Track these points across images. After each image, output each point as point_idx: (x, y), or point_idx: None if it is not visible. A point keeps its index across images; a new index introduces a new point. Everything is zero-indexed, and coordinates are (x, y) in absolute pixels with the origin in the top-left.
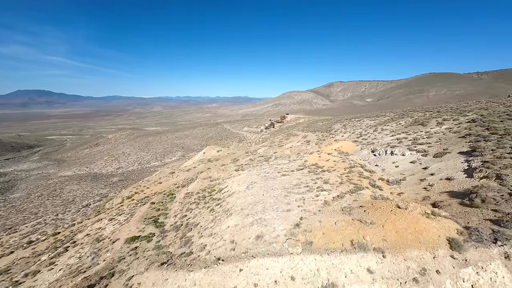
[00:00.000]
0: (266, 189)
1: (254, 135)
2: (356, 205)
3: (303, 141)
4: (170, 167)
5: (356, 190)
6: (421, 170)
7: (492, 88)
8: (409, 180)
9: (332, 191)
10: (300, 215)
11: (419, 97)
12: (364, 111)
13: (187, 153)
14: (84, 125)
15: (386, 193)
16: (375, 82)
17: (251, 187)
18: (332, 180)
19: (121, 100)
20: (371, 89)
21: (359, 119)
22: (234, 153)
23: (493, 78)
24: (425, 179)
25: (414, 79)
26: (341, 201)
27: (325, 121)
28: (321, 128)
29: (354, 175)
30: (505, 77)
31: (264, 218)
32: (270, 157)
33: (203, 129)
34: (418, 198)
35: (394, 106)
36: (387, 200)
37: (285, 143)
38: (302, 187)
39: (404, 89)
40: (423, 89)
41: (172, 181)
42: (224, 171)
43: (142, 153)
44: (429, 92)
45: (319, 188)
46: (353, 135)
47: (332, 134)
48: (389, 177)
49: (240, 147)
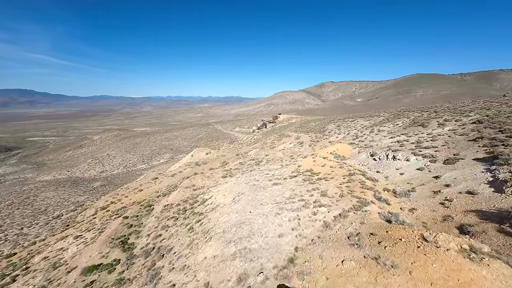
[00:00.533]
0: (254, 203)
1: (246, 135)
2: (365, 230)
3: (296, 143)
4: (156, 170)
5: (360, 206)
6: (431, 179)
7: (474, 88)
8: (419, 192)
9: (332, 207)
10: (295, 244)
11: (407, 97)
12: (355, 111)
13: (176, 155)
14: (69, 126)
15: (395, 208)
16: (365, 82)
17: (237, 199)
18: (331, 191)
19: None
20: (361, 89)
21: (352, 119)
22: (224, 155)
23: (476, 79)
24: (440, 192)
25: (402, 80)
26: (344, 223)
27: (317, 121)
28: (314, 129)
29: (355, 185)
30: (486, 78)
31: (249, 248)
32: (261, 160)
33: (194, 129)
34: (436, 217)
35: (383, 106)
36: (406, 227)
37: (277, 145)
38: (296, 200)
39: (393, 89)
40: (411, 89)
41: (154, 188)
42: (209, 178)
43: (128, 155)
44: (417, 93)
45: (316, 202)
46: (349, 136)
47: (326, 135)
48: (395, 187)
49: (231, 149)
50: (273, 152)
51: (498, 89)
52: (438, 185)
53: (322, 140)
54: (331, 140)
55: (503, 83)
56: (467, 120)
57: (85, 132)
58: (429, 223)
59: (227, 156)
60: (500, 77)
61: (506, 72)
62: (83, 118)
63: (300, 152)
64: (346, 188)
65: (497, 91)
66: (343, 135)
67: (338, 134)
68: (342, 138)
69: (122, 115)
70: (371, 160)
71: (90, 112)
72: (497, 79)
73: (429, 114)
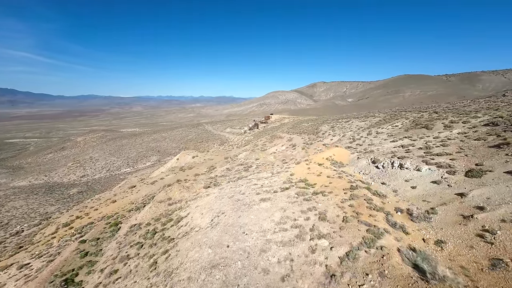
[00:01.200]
0: (235, 231)
1: (237, 136)
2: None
3: (288, 145)
4: (139, 175)
5: (373, 240)
6: (455, 197)
7: (459, 89)
8: (443, 215)
9: (335, 239)
10: None
11: (396, 97)
12: (346, 110)
13: (163, 157)
14: (54, 127)
15: (416, 239)
16: (356, 82)
17: (216, 222)
18: (332, 213)
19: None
20: (352, 90)
21: (347, 120)
22: (212, 159)
23: (460, 80)
24: (474, 217)
25: (390, 80)
26: (356, 272)
27: (310, 121)
28: (307, 130)
29: (361, 203)
30: (470, 79)
31: None
32: (250, 165)
33: (183, 130)
34: (480, 260)
35: (374, 106)
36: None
37: (269, 147)
38: (288, 227)
39: (382, 89)
40: (399, 89)
41: (130, 198)
42: (189, 190)
43: (112, 158)
44: (405, 93)
45: (314, 231)
46: (345, 139)
47: (320, 137)
48: (409, 205)
49: (220, 151)
50: (264, 155)
51: (481, 90)
52: (466, 206)
53: (315, 143)
54: (326, 143)
55: (485, 84)
56: (476, 122)
57: (70, 133)
58: (472, 270)
59: (215, 159)
60: (482, 78)
61: (487, 73)
62: (69, 118)
63: (292, 155)
64: (350, 209)
65: (479, 91)
66: (338, 137)
67: (332, 136)
68: (338, 140)
69: (111, 115)
70: (373, 168)
71: (77, 112)
72: (480, 80)
73: (429, 114)
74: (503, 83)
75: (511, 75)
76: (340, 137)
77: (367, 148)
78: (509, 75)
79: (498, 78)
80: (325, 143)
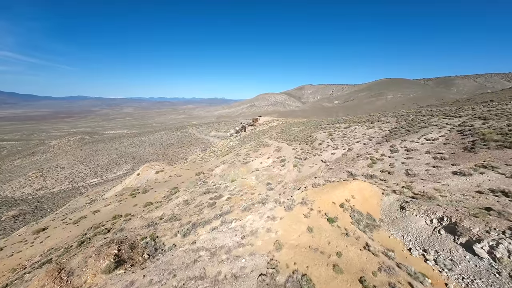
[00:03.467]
0: None
1: (222, 141)
2: None
3: (276, 158)
4: (92, 194)
5: None
6: None
7: (436, 92)
8: None
9: None
10: None
11: (379, 100)
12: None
13: (137, 165)
14: (38, 128)
15: None
16: (341, 85)
17: None
18: None
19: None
20: (338, 92)
21: (346, 125)
22: (180, 175)
23: (436, 84)
24: None
25: (373, 84)
26: None
27: (301, 125)
28: (299, 137)
29: None
30: (445, 83)
31: None
32: (221, 194)
33: (165, 133)
34: None
35: (359, 107)
36: None
37: (252, 158)
38: None
39: (366, 92)
40: (382, 92)
41: (26, 254)
42: (100, 260)
43: (80, 166)
44: (387, 95)
45: None
46: (352, 154)
47: (316, 149)
48: None
49: (193, 164)
50: (244, 172)
51: (455, 93)
52: None
53: (311, 157)
54: (326, 159)
55: (459, 88)
56: None
57: (54, 135)
58: None
59: (184, 176)
60: (456, 82)
61: (460, 78)
62: (55, 119)
63: (281, 176)
64: None
65: (454, 94)
66: (343, 150)
67: (334, 149)
68: (342, 156)
69: (100, 117)
70: (461, 253)
71: (64, 113)
72: (454, 84)
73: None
74: (475, 87)
75: (481, 79)
76: (345, 151)
77: (408, 181)
78: (479, 79)
79: (470, 82)
80: (324, 159)
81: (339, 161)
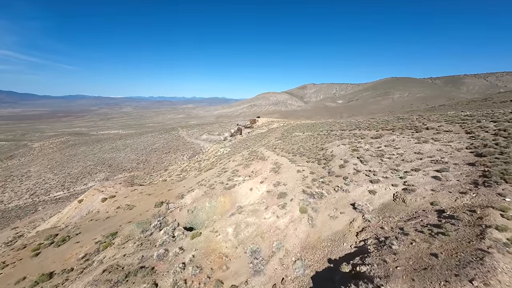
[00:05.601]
0: None
1: (213, 146)
2: None
3: (273, 185)
4: (24, 224)
5: None
6: None
7: (445, 91)
8: None
9: None
10: None
11: (385, 99)
12: (337, 112)
13: (113, 174)
14: (33, 128)
15: None
16: (345, 84)
17: None
18: None
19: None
20: (342, 91)
21: (373, 132)
22: (134, 206)
23: (444, 83)
24: None
25: (379, 83)
26: None
27: (306, 129)
28: (306, 149)
29: None
30: (454, 82)
31: None
32: (162, 275)
33: (152, 136)
34: None
35: (364, 107)
36: None
37: (240, 179)
38: None
39: (371, 91)
40: (388, 92)
41: None
42: None
43: (49, 175)
44: (394, 95)
45: None
46: (420, 202)
47: (337, 176)
48: None
49: (161, 185)
50: (222, 210)
51: (465, 92)
52: None
53: (331, 193)
54: (360, 204)
55: (469, 87)
56: None
57: (48, 135)
58: None
59: (140, 207)
60: (466, 81)
61: (470, 77)
62: (52, 119)
63: (278, 230)
64: None
65: (464, 93)
66: (391, 187)
67: (371, 181)
68: (396, 200)
69: (98, 116)
70: None
71: (62, 112)
72: (463, 83)
73: None
74: (486, 86)
75: (492, 78)
76: (398, 191)
77: None
78: (490, 78)
79: (481, 81)
80: (357, 203)
81: (391, 214)
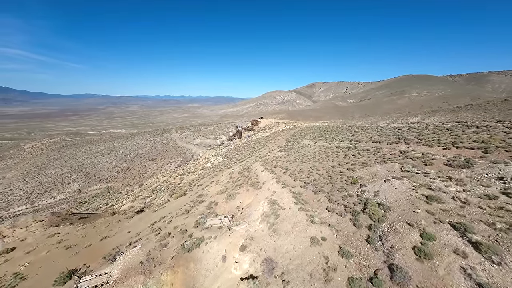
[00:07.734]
0: None
1: (206, 152)
2: None
3: (263, 264)
4: None
5: None
6: None
7: (467, 90)
8: None
9: None
10: None
11: (401, 98)
12: (348, 112)
13: (87, 185)
14: (40, 126)
15: None
16: (356, 83)
17: None
18: None
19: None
20: (352, 90)
21: (439, 151)
22: (24, 276)
23: (466, 81)
24: None
25: (393, 81)
26: None
27: (319, 137)
28: (325, 179)
29: None
30: (477, 80)
31: None
32: None
33: (143, 139)
34: None
35: (378, 107)
36: None
37: (217, 222)
38: None
39: (385, 90)
40: (404, 90)
41: None
42: None
43: (18, 184)
44: (411, 94)
45: None
46: None
47: None
48: None
49: (100, 225)
50: None
51: (491, 91)
52: None
53: None
54: None
55: (495, 85)
56: None
57: (52, 134)
58: None
59: (28, 283)
60: (491, 79)
61: (495, 74)
62: (60, 117)
63: None
64: None
65: (490, 92)
66: None
67: None
68: None
69: (104, 115)
70: None
71: (70, 111)
72: (488, 81)
73: None
74: None
75: None
76: None
77: None
78: None
79: (508, 78)
80: None
81: None
